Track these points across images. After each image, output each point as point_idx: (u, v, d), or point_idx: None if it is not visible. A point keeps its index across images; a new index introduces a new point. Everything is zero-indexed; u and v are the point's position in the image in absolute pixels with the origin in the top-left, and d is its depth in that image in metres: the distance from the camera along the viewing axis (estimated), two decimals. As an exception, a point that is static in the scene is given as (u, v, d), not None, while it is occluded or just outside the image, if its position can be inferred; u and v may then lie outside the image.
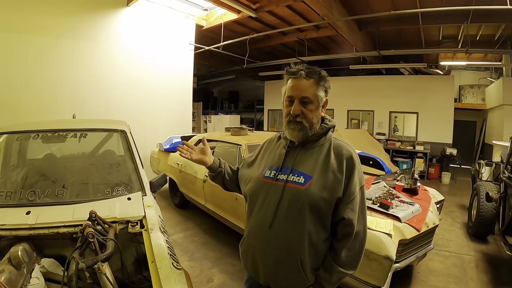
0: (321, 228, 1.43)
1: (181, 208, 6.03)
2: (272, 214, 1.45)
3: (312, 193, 1.40)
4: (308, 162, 1.49)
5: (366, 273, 2.65)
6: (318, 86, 1.48)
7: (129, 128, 3.40)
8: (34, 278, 1.80)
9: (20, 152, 3.03)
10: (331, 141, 1.53)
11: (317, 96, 1.48)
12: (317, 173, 1.44)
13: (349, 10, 7.10)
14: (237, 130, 5.11)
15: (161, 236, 2.03)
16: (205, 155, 1.80)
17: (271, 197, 1.49)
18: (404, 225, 3.02)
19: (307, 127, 1.48)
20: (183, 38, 8.44)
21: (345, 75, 12.44)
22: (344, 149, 1.48)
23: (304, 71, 1.47)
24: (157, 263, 1.74)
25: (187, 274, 1.75)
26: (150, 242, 1.95)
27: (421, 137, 10.56)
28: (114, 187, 2.61)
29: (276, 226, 1.45)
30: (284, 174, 1.50)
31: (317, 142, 1.53)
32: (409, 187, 3.94)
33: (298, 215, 1.41)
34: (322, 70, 1.52)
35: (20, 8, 5.52)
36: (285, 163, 1.53)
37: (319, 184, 1.41)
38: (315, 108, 1.48)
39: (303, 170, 1.47)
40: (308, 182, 1.43)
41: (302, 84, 1.47)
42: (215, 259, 4.10)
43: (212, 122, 13.64)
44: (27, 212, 2.13)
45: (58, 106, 6.00)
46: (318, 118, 1.52)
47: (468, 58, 10.21)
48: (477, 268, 3.99)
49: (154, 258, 1.79)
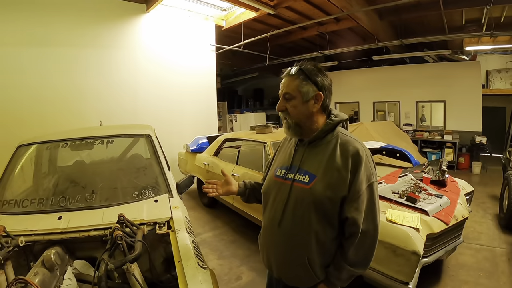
0: (329, 227, 1.43)
1: (209, 207, 6.13)
2: (281, 213, 1.50)
3: (316, 192, 1.40)
4: (314, 161, 1.48)
5: (394, 269, 2.65)
6: (302, 81, 1.45)
7: (154, 131, 3.49)
8: (67, 279, 1.91)
9: (50, 160, 3.18)
10: (339, 137, 1.48)
11: (300, 91, 1.45)
12: (322, 171, 1.42)
13: (368, 0, 7.00)
14: (262, 128, 5.16)
15: (187, 236, 2.10)
16: (229, 185, 1.80)
17: (280, 196, 1.53)
18: (432, 218, 2.98)
19: (291, 124, 1.50)
20: (204, 39, 8.54)
21: (369, 67, 12.21)
22: (350, 145, 1.43)
23: (290, 69, 1.51)
24: (183, 263, 1.81)
25: (213, 273, 1.81)
26: (176, 242, 2.02)
27: (449, 126, 10.27)
28: (142, 190, 2.69)
29: (284, 224, 1.48)
30: (292, 173, 1.52)
31: (324, 139, 1.50)
32: (437, 179, 3.87)
33: (304, 214, 1.43)
34: (311, 64, 1.51)
35: (45, 23, 5.78)
36: (294, 162, 1.55)
37: (323, 183, 1.40)
38: (298, 103, 1.47)
39: (309, 169, 1.47)
40: (313, 181, 1.43)
41: (285, 81, 1.50)
42: (244, 256, 4.16)
43: (238, 120, 13.66)
44: (59, 217, 2.24)
45: (85, 114, 6.24)
46: (305, 113, 1.48)
47: (494, 41, 9.78)
48: (509, 262, 3.88)
49: (181, 257, 1.86)
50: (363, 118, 11.99)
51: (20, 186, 2.82)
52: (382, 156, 5.29)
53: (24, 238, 1.95)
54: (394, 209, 3.06)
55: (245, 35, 8.37)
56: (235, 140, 5.59)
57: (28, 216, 2.32)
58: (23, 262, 2.06)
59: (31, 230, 2.09)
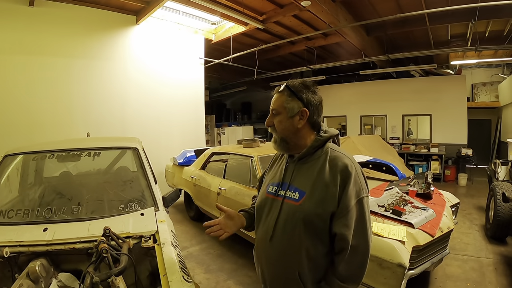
0: (319, 243, 1.43)
1: (196, 221, 6.08)
2: (272, 229, 1.49)
3: (306, 209, 1.40)
4: (303, 177, 1.49)
5: (380, 281, 2.66)
6: (287, 98, 1.49)
7: (141, 144, 3.49)
8: None
9: (36, 171, 3.17)
10: (328, 153, 1.48)
11: (285, 107, 1.48)
12: (311, 187, 1.43)
13: (355, 16, 7.15)
14: (249, 142, 5.19)
15: (172, 250, 2.10)
16: (233, 220, 1.66)
17: (272, 212, 1.53)
18: (418, 231, 3.01)
19: (277, 140, 1.53)
20: (193, 53, 8.62)
21: (356, 81, 12.44)
22: (339, 160, 1.43)
23: (282, 85, 1.54)
24: (168, 277, 1.82)
25: (198, 287, 1.84)
26: (162, 256, 2.03)
27: (435, 139, 10.44)
28: (128, 203, 2.69)
29: (275, 240, 1.49)
30: (283, 190, 1.52)
31: (313, 155, 1.50)
32: (422, 192, 3.91)
33: (294, 230, 1.43)
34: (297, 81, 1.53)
35: (34, 31, 5.79)
36: (285, 178, 1.55)
37: (313, 200, 1.41)
38: (284, 119, 1.49)
39: (298, 186, 1.48)
40: (303, 198, 1.43)
41: (274, 97, 1.54)
42: (231, 270, 4.12)
43: (226, 134, 13.66)
44: (44, 229, 2.23)
45: (73, 125, 6.22)
46: (289, 129, 1.50)
47: (479, 56, 10.09)
48: (496, 271, 3.92)
49: (166, 271, 1.87)
50: (350, 132, 12.12)
51: (6, 196, 2.81)
52: (368, 170, 5.34)
53: (9, 249, 1.95)
54: (380, 222, 3.08)
55: (234, 49, 8.46)
56: (222, 154, 5.60)
57: (13, 227, 2.30)
58: (7, 274, 2.05)
59: (16, 241, 2.07)
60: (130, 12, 7.06)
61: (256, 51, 8.56)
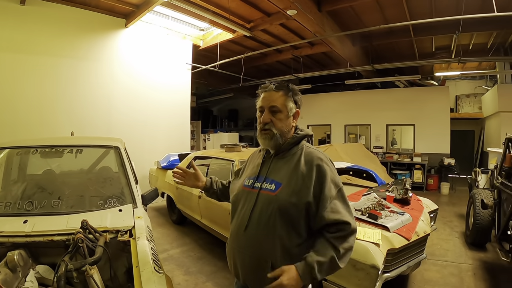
0: (294, 233, 1.49)
1: (178, 224, 6.07)
2: (247, 219, 1.55)
3: (281, 199, 1.48)
4: (280, 170, 1.58)
5: (354, 282, 2.67)
6: (287, 97, 1.59)
7: (123, 144, 3.53)
8: (29, 282, 1.92)
9: (20, 167, 3.19)
10: (303, 149, 1.60)
11: (286, 106, 1.59)
12: (287, 179, 1.52)
13: (341, 26, 7.29)
14: (231, 147, 5.23)
15: (147, 243, 2.14)
16: (197, 180, 1.94)
17: (248, 203, 1.59)
18: (393, 234, 3.03)
19: (276, 135, 1.58)
20: (181, 58, 8.67)
21: (341, 91, 12.60)
22: (314, 155, 1.55)
23: (274, 85, 1.61)
24: (140, 267, 1.86)
25: (169, 278, 1.88)
26: (136, 249, 2.07)
27: (418, 149, 10.61)
28: (107, 199, 2.76)
29: (250, 230, 1.54)
30: (259, 182, 1.60)
31: (289, 151, 1.61)
32: (400, 198, 3.95)
33: (268, 220, 1.49)
34: (293, 85, 1.64)
35: (24, 29, 5.78)
36: (261, 172, 1.64)
37: (288, 190, 1.49)
38: (284, 117, 1.59)
39: (275, 178, 1.56)
40: (279, 188, 1.51)
41: (271, 95, 1.61)
42: (210, 273, 4.12)
43: (211, 140, 13.71)
44: (24, 221, 2.26)
45: (58, 125, 6.19)
46: (288, 127, 1.61)
47: (463, 68, 10.33)
48: (475, 276, 3.97)
49: (138, 263, 1.91)
50: (335, 140, 12.26)
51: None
52: (349, 177, 5.41)
53: (-12, 239, 1.96)
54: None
55: (221, 56, 8.52)
56: (205, 158, 5.60)
57: None
58: None
59: None
60: (120, 15, 7.10)
61: (242, 58, 8.63)
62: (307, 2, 5.81)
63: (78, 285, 1.93)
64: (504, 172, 4.32)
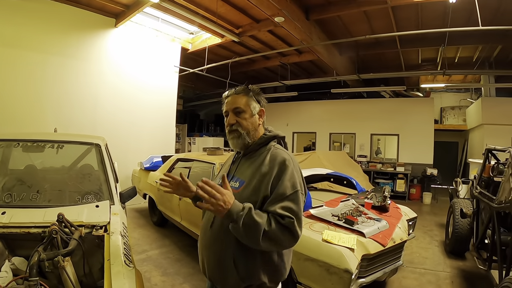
0: None
1: (159, 226, 6.05)
2: (213, 216, 1.59)
3: (243, 196, 1.49)
4: (246, 169, 1.63)
5: (327, 286, 2.68)
6: (249, 98, 1.65)
7: (105, 142, 3.58)
8: (3, 272, 1.95)
9: (2, 161, 3.18)
10: (271, 149, 1.62)
11: (249, 106, 1.64)
12: (250, 177, 1.56)
13: (329, 35, 7.37)
14: (213, 150, 5.28)
15: (120, 238, 2.19)
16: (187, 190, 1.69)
17: None
18: (369, 240, 3.05)
19: (243, 134, 1.63)
20: (169, 60, 8.65)
21: (327, 99, 12.69)
22: (279, 155, 1.56)
23: (235, 89, 1.69)
24: (111, 261, 1.90)
25: (138, 272, 1.92)
26: (109, 243, 2.11)
27: (402, 159, 10.72)
28: (85, 195, 2.81)
29: (214, 226, 1.59)
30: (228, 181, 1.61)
31: (257, 151, 1.66)
32: (378, 205, 3.99)
33: None
34: (253, 86, 1.72)
35: (12, 23, 5.70)
36: (230, 171, 1.73)
37: (250, 188, 1.53)
38: (248, 116, 1.64)
39: (240, 176, 1.63)
40: (242, 186, 1.57)
41: (233, 98, 1.67)
42: (187, 275, 4.11)
43: (196, 144, 13.71)
44: (3, 212, 2.30)
45: (43, 122, 6.11)
46: (254, 125, 1.65)
47: (448, 80, 10.51)
48: (452, 284, 4.01)
49: (110, 256, 1.95)
50: (320, 148, 12.29)
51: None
52: (331, 184, 5.46)
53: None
54: (331, 231, 3.11)
55: (209, 60, 8.53)
56: (187, 161, 5.60)
57: None
58: None
59: None
60: (110, 15, 7.06)
61: (229, 63, 8.66)
62: (295, 10, 5.86)
63: (51, 276, 1.97)
64: (483, 182, 4.40)
